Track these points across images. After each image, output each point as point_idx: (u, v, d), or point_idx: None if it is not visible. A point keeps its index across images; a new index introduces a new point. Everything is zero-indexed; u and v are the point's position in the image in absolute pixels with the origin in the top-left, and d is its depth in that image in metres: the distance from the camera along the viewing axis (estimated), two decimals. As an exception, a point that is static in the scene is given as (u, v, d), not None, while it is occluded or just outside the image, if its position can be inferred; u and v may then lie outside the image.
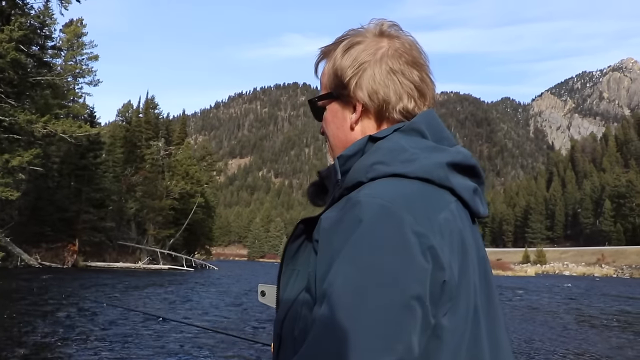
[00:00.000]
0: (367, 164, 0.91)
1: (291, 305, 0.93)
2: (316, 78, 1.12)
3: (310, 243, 0.94)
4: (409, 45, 1.03)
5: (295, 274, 0.97)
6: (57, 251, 40.26)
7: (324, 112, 1.08)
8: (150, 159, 56.14)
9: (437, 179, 0.89)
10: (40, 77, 34.87)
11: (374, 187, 0.86)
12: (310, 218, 0.97)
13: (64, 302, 16.53)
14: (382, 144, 0.94)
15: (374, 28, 1.05)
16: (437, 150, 0.93)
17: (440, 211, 0.85)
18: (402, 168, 0.88)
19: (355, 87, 1.01)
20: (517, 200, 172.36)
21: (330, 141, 1.08)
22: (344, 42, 1.05)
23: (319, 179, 1.12)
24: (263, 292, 1.26)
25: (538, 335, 13.83)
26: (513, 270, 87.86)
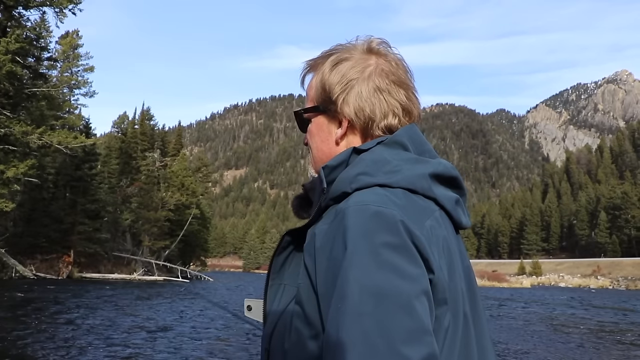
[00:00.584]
0: (351, 174, 0.93)
1: (279, 319, 0.93)
2: (302, 89, 1.13)
3: (297, 255, 0.96)
4: (396, 65, 1.05)
5: (282, 288, 0.98)
6: (52, 262, 40.11)
7: (308, 123, 1.09)
8: (146, 170, 56.13)
9: (421, 189, 0.91)
10: (36, 89, 34.90)
11: (361, 195, 0.88)
12: (296, 229, 0.97)
13: (55, 313, 16.47)
14: (365, 156, 0.96)
15: (362, 45, 1.07)
16: (419, 162, 0.95)
17: (426, 218, 0.87)
18: (386, 179, 0.90)
19: (343, 103, 1.02)
20: (512, 212, 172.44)
21: (313, 153, 1.09)
22: (332, 57, 1.06)
23: (303, 192, 1.13)
24: (249, 306, 1.25)
25: (536, 348, 13.85)
26: (509, 281, 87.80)
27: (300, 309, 0.87)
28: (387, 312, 0.74)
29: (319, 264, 0.85)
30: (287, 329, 0.90)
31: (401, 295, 0.75)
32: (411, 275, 0.78)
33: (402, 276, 0.77)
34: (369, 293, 0.75)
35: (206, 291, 34.48)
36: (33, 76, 36.26)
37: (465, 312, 0.88)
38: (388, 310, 0.74)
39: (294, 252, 0.99)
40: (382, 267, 0.77)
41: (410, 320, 0.74)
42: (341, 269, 0.79)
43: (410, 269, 0.78)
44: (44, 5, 34.72)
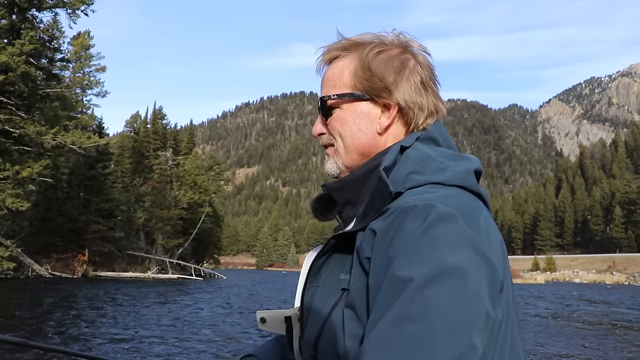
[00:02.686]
0: (403, 174, 0.92)
1: (324, 323, 0.91)
2: (319, 74, 1.10)
3: (336, 258, 0.97)
4: (427, 62, 1.06)
5: (319, 290, 0.98)
6: (67, 261, 40.45)
7: (334, 111, 1.06)
8: (159, 169, 56.37)
9: (470, 185, 0.92)
10: (49, 90, 35.19)
11: (418, 193, 0.87)
12: (343, 233, 0.95)
13: (72, 311, 16.64)
14: (410, 153, 0.96)
15: (393, 38, 1.06)
16: (460, 159, 0.96)
17: (480, 215, 0.87)
18: (437, 176, 0.91)
19: (396, 91, 1.01)
20: (525, 208, 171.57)
21: (346, 142, 1.05)
22: (369, 45, 1.05)
23: (325, 192, 1.10)
24: (263, 318, 1.20)
25: (552, 345, 13.79)
26: (523, 277, 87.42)
27: (354, 313, 0.85)
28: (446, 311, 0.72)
29: (376, 258, 0.83)
30: (339, 334, 0.87)
31: (467, 298, 0.74)
32: (475, 279, 0.76)
33: (467, 281, 0.75)
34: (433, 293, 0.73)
35: (220, 289, 34.63)
36: (46, 77, 36.57)
37: (513, 307, 0.89)
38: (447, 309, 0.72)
39: (334, 255, 0.98)
40: (449, 271, 0.75)
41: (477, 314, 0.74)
42: (406, 266, 0.77)
43: (475, 273, 0.77)
44: (56, 6, 34.97)
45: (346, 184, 1.04)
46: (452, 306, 0.72)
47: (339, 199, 1.06)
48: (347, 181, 1.04)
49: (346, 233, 0.94)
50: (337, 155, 1.07)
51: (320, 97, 1.07)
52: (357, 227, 0.92)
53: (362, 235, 0.89)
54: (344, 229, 0.98)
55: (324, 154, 1.12)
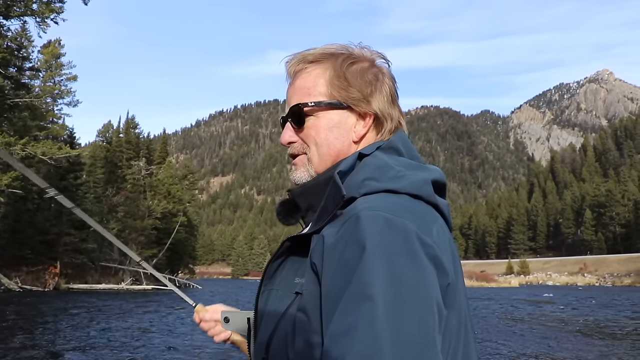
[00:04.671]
0: (358, 180, 0.93)
1: (276, 327, 0.92)
2: (287, 80, 1.11)
3: (292, 261, 0.97)
4: (391, 75, 1.09)
5: (273, 294, 0.98)
6: (38, 274, 39.74)
7: (308, 119, 1.06)
8: (132, 179, 55.84)
9: (425, 195, 0.92)
10: (18, 99, 34.65)
11: (371, 200, 0.88)
12: (298, 235, 0.96)
13: (41, 326, 16.34)
14: (368, 161, 0.97)
15: (360, 51, 1.08)
16: (420, 169, 0.98)
17: (433, 225, 0.88)
18: (392, 184, 0.91)
19: (373, 100, 1.04)
20: (499, 212, 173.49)
21: (321, 151, 1.05)
22: (342, 55, 1.06)
23: (290, 197, 1.10)
24: (227, 318, 1.18)
25: (527, 346, 13.96)
26: (497, 281, 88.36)
27: (306, 317, 0.86)
28: (402, 320, 0.74)
29: (327, 266, 0.84)
30: (289, 338, 0.88)
31: (416, 305, 0.76)
32: (424, 287, 0.78)
33: (415, 289, 0.78)
34: (385, 299, 0.75)
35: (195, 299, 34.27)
36: (15, 86, 36.00)
37: (467, 313, 0.91)
38: (402, 318, 0.74)
39: (289, 258, 0.98)
40: (396, 280, 0.77)
41: (424, 333, 0.75)
42: (355, 273, 0.78)
43: (422, 281, 0.79)
44: (25, 15, 34.46)
45: (308, 190, 1.05)
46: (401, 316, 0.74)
47: (302, 204, 1.07)
48: (309, 187, 1.05)
49: (301, 236, 0.95)
50: (310, 163, 1.06)
51: (295, 105, 1.06)
52: (311, 230, 0.93)
53: (315, 239, 0.90)
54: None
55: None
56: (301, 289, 0.89)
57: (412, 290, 0.77)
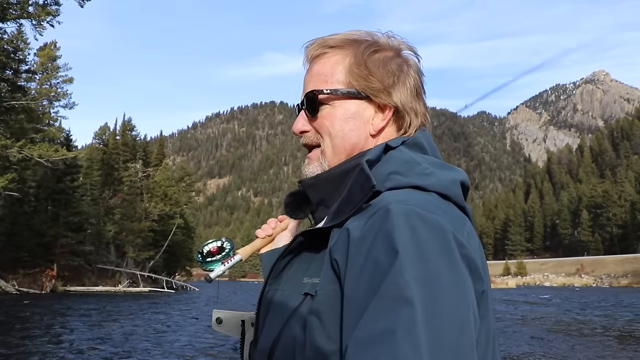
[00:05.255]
0: (384, 172, 0.87)
1: (281, 331, 0.85)
2: (304, 67, 1.04)
3: (301, 259, 0.91)
4: (418, 68, 1.03)
5: (278, 294, 0.91)
6: (35, 277, 39.67)
7: (323, 107, 0.99)
8: (129, 181, 55.82)
9: (454, 196, 0.87)
10: (14, 102, 34.59)
11: (400, 195, 0.82)
12: (313, 230, 0.88)
13: (37, 329, 16.30)
14: (394, 154, 0.92)
15: (386, 39, 1.02)
16: (448, 168, 0.92)
17: (464, 227, 0.83)
18: (420, 180, 0.85)
19: (395, 92, 0.96)
20: (496, 213, 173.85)
21: (335, 142, 0.98)
22: (364, 42, 0.99)
23: (300, 188, 1.04)
24: (219, 319, 1.12)
25: (521, 348, 13.97)
26: (494, 282, 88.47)
27: (319, 321, 0.78)
28: (442, 327, 0.68)
29: (353, 263, 0.76)
30: (299, 344, 0.80)
31: (455, 311, 0.70)
32: (464, 290, 0.73)
33: (456, 290, 0.72)
34: (424, 303, 0.68)
35: (191, 302, 34.30)
36: (11, 89, 35.95)
37: (494, 324, 0.85)
38: (442, 325, 0.68)
39: (300, 255, 0.91)
40: (436, 278, 0.71)
41: (464, 342, 0.69)
42: (389, 273, 0.71)
43: (463, 283, 0.73)
44: (21, 17, 34.42)
45: (321, 181, 0.98)
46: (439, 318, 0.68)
47: (313, 197, 1.00)
48: (323, 178, 0.98)
49: (318, 230, 0.87)
50: (323, 156, 0.99)
51: (310, 91, 0.99)
52: (332, 223, 0.86)
53: (337, 232, 0.83)
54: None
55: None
56: (312, 289, 0.83)
57: (451, 295, 0.71)
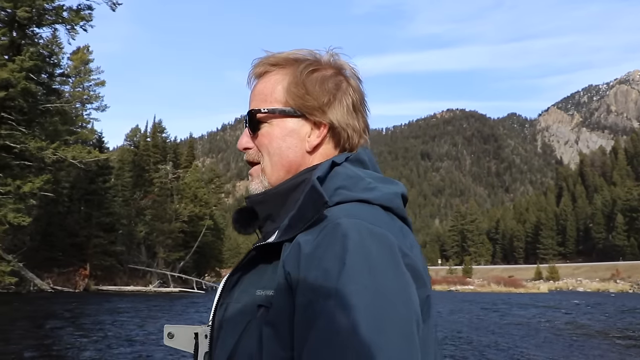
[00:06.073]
0: (331, 188, 0.91)
1: (237, 344, 0.88)
2: (249, 87, 1.09)
3: (253, 272, 0.93)
4: (359, 87, 1.06)
5: (231, 307, 0.94)
6: (68, 275, 40.43)
7: (262, 125, 1.03)
8: (159, 183, 56.43)
9: (396, 207, 0.93)
10: (49, 105, 35.35)
11: (347, 209, 0.87)
12: (265, 244, 0.91)
13: (72, 327, 16.60)
14: (339, 170, 0.95)
15: (328, 58, 1.06)
16: (389, 182, 0.98)
17: (407, 237, 0.89)
18: (365, 194, 0.90)
19: (329, 110, 1.00)
20: (527, 216, 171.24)
21: (273, 160, 1.02)
22: (303, 62, 1.03)
23: (248, 205, 1.08)
24: (170, 334, 1.12)
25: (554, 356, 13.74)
26: (525, 287, 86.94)
27: (274, 331, 0.82)
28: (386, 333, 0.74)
29: (304, 275, 0.80)
30: (254, 355, 0.84)
31: (401, 320, 0.76)
32: (406, 299, 0.78)
33: (401, 298, 0.78)
34: (369, 311, 0.74)
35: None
36: (46, 92, 36.77)
37: (435, 323, 0.91)
38: (386, 331, 0.74)
39: (251, 269, 0.94)
40: (382, 287, 0.77)
41: (409, 348, 0.75)
42: (338, 283, 0.76)
43: (405, 293, 0.79)
44: (56, 22, 35.22)
45: (269, 197, 1.02)
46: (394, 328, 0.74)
47: (261, 212, 1.04)
48: (271, 194, 1.02)
49: (269, 244, 0.90)
50: (263, 174, 1.04)
51: (249, 110, 1.04)
52: (283, 238, 0.88)
53: (288, 246, 0.86)
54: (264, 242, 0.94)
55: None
56: (266, 301, 0.86)
57: (396, 303, 0.76)
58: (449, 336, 16.34)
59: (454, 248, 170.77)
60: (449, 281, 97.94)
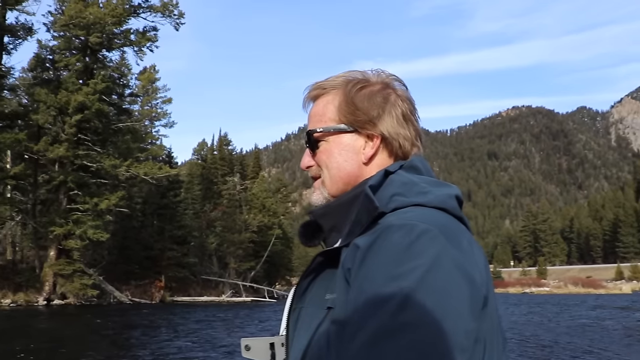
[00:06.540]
0: (386, 195, 0.97)
1: (309, 345, 0.93)
2: (304, 110, 1.17)
3: (323, 276, 0.99)
4: (407, 96, 1.12)
5: (303, 312, 1.00)
6: (145, 287, 41.75)
7: (320, 144, 1.11)
8: (227, 194, 57.52)
9: (451, 208, 0.96)
10: (121, 124, 36.90)
11: (403, 213, 0.92)
12: (329, 250, 0.98)
13: (156, 336, 17.14)
14: (393, 178, 1.01)
15: (374, 76, 1.12)
16: (443, 185, 1.02)
17: (463, 235, 0.92)
18: (419, 198, 0.95)
19: (380, 123, 1.07)
20: (603, 214, 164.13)
21: (332, 173, 1.09)
22: (351, 81, 1.10)
23: (311, 218, 1.14)
24: (247, 346, 1.17)
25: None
26: (606, 287, 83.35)
27: (340, 327, 0.86)
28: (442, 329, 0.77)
29: (361, 271, 0.85)
30: (324, 353, 0.88)
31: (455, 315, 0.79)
32: (462, 296, 0.81)
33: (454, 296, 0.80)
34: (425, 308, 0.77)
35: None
36: (118, 112, 38.44)
37: (497, 323, 0.92)
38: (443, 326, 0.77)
39: (320, 274, 1.00)
40: (436, 284, 0.80)
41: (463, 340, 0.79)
42: (393, 281, 0.80)
43: (461, 288, 0.82)
44: (124, 45, 36.81)
45: (332, 210, 1.08)
46: (432, 323, 0.76)
47: (325, 224, 1.10)
48: (333, 207, 1.08)
49: (333, 250, 0.96)
50: (323, 186, 1.11)
51: (307, 131, 1.12)
52: (343, 244, 0.95)
53: (346, 250, 0.92)
54: None
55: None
56: (333, 303, 0.90)
57: (450, 301, 0.79)
58: (559, 342, 15.89)
59: (527, 249, 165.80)
60: (522, 283, 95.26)
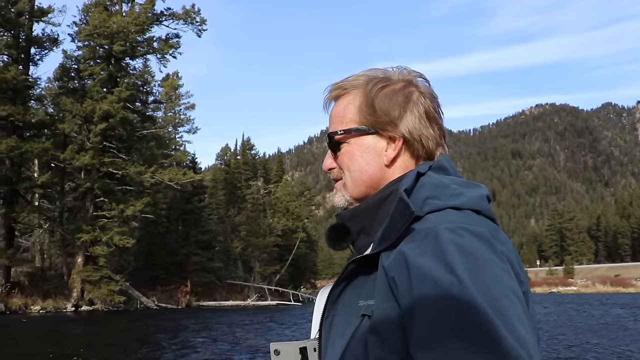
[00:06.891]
0: (420, 198, 0.95)
1: (344, 353, 0.92)
2: (326, 111, 1.14)
3: (355, 283, 0.97)
4: (430, 93, 1.09)
5: (336, 319, 0.99)
6: (171, 293, 42.03)
7: (342, 146, 1.09)
8: (251, 199, 57.75)
9: (484, 209, 0.96)
10: (145, 131, 37.30)
11: (442, 216, 0.91)
12: (363, 257, 0.96)
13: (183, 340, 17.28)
14: (424, 180, 0.99)
15: (397, 74, 1.09)
16: (473, 186, 1.01)
17: (499, 232, 0.93)
18: (453, 201, 0.94)
19: (401, 124, 1.04)
20: (631, 211, 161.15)
21: (354, 176, 1.07)
22: (372, 80, 1.08)
23: (339, 221, 1.12)
24: (277, 350, 1.16)
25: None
26: (635, 286, 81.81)
27: (378, 337, 0.86)
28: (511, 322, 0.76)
29: (412, 280, 0.83)
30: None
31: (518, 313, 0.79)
32: (518, 293, 0.83)
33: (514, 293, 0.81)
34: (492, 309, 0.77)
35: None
36: (142, 119, 38.88)
37: (533, 319, 0.92)
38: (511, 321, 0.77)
39: (353, 281, 0.98)
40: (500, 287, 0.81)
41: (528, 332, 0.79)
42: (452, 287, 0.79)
43: (515, 287, 0.83)
44: (147, 53, 37.24)
45: (360, 213, 1.06)
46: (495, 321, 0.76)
47: (353, 227, 1.07)
48: (362, 209, 1.06)
49: (367, 256, 0.95)
50: (344, 188, 1.09)
51: (328, 133, 1.10)
52: (379, 249, 0.92)
53: (389, 255, 0.90)
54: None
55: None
56: (368, 310, 0.90)
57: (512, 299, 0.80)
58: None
59: (553, 248, 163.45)
60: (549, 283, 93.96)
